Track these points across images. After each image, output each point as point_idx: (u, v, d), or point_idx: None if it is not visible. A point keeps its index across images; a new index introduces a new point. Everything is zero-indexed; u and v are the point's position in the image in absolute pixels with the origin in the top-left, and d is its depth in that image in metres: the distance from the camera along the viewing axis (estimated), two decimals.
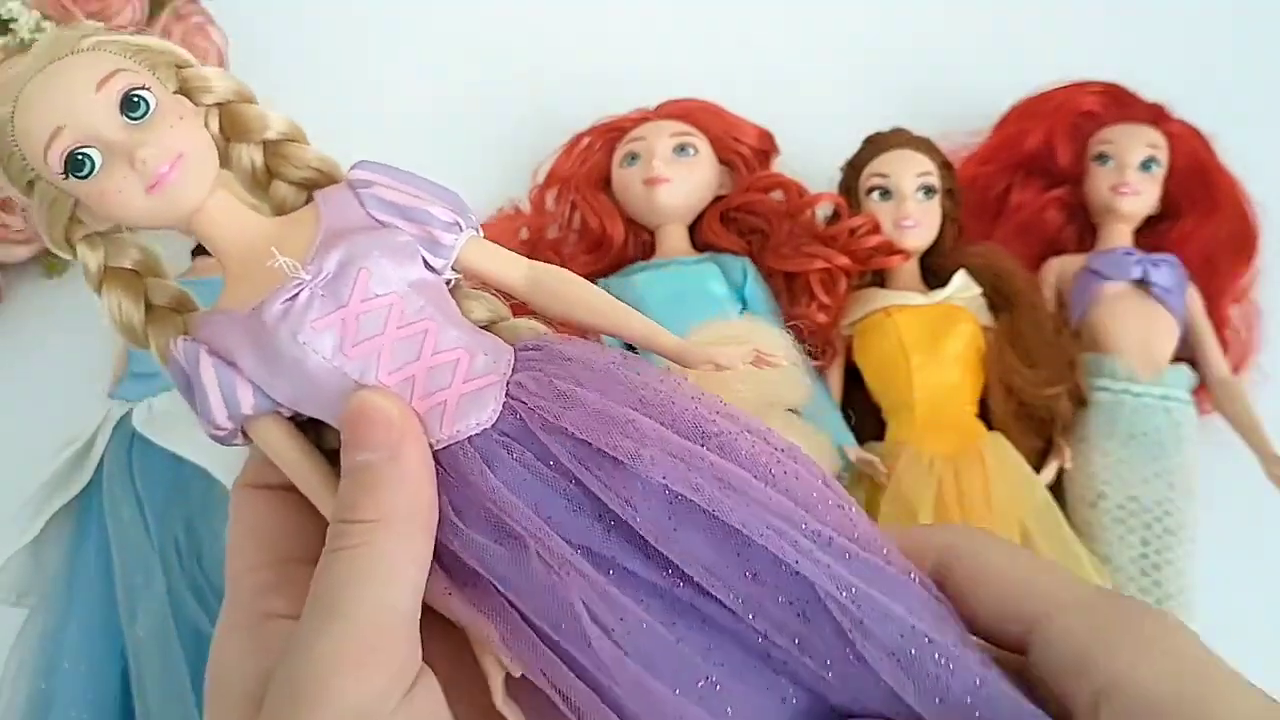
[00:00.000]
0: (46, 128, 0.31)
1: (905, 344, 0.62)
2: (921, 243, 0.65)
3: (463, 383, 0.32)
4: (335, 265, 0.31)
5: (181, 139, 0.32)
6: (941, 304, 0.63)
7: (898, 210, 0.64)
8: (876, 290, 0.65)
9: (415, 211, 0.33)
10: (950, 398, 0.61)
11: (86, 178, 0.31)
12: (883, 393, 0.63)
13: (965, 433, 0.60)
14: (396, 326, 0.32)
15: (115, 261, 0.34)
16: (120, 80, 0.31)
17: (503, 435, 0.31)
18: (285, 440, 0.33)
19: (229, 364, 0.32)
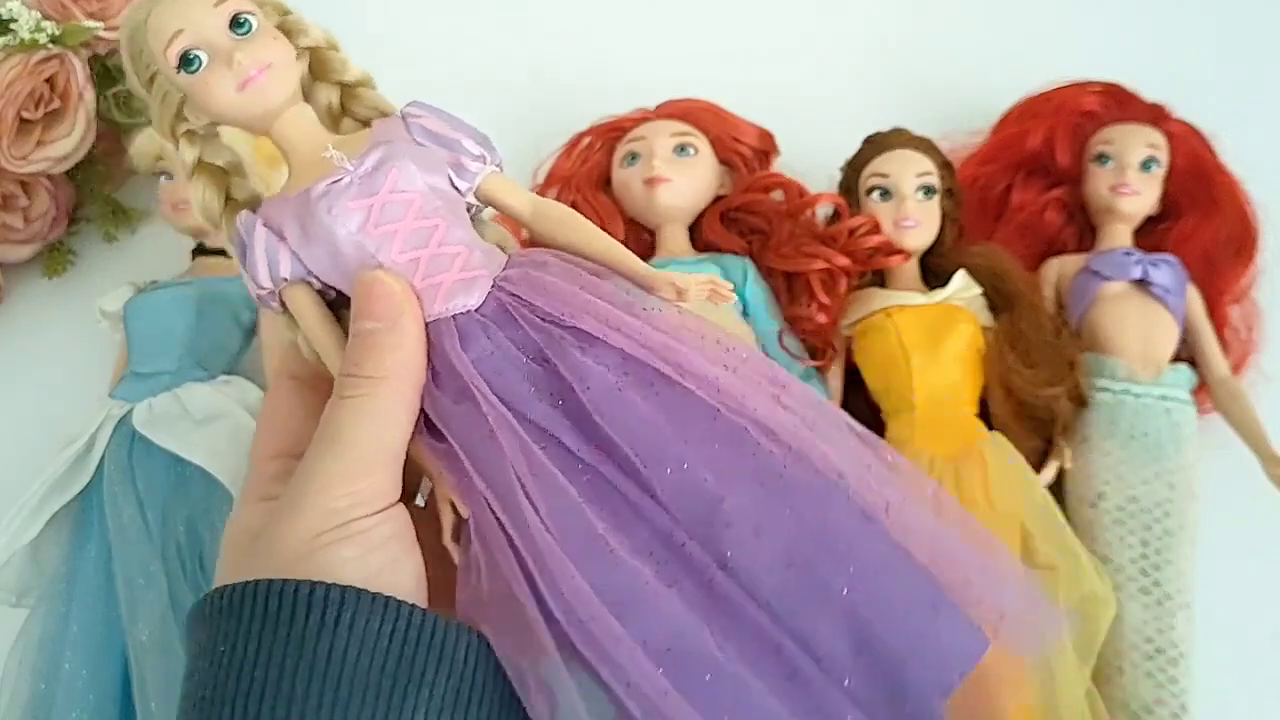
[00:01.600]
0: (170, 30, 0.38)
1: (905, 344, 0.62)
2: (921, 243, 0.65)
3: (459, 271, 0.38)
4: (373, 162, 0.38)
5: (271, 53, 0.39)
6: (942, 304, 0.63)
7: (898, 210, 0.64)
8: (876, 290, 0.65)
9: (449, 140, 0.40)
10: (951, 398, 0.61)
11: (194, 73, 0.38)
12: (883, 393, 0.63)
13: (965, 433, 0.60)
14: (413, 218, 0.38)
15: (209, 158, 0.41)
16: (233, 4, 0.39)
17: (483, 317, 0.37)
18: (311, 306, 0.39)
19: (278, 236, 0.38)
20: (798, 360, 0.63)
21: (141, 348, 0.62)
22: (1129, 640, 0.58)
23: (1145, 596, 0.59)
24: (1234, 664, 0.58)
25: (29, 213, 0.69)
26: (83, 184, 0.72)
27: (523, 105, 0.74)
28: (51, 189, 0.70)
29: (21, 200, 0.68)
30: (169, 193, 0.64)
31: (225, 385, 0.61)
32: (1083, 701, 0.53)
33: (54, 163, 0.66)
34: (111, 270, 0.68)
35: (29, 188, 0.68)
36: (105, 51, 0.70)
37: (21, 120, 0.64)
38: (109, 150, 0.72)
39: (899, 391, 0.62)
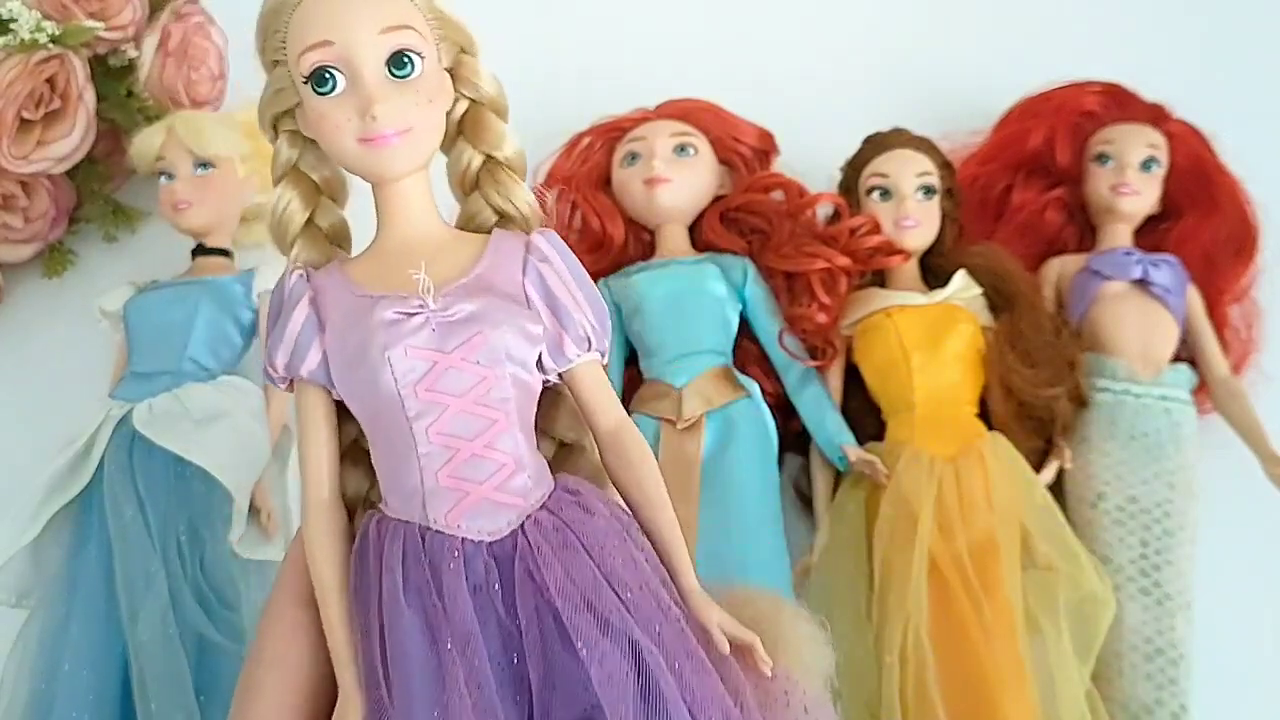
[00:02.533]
0: (317, 34, 0.33)
1: (905, 344, 0.62)
2: (922, 243, 0.65)
3: (493, 489, 0.33)
4: (463, 314, 0.33)
5: (420, 117, 0.34)
6: (942, 304, 0.63)
7: (898, 210, 0.64)
8: (876, 290, 0.65)
9: (563, 310, 0.35)
10: (951, 397, 0.61)
11: (322, 94, 0.34)
12: (883, 392, 0.63)
13: (965, 433, 0.60)
14: (474, 400, 0.33)
15: (306, 167, 0.37)
16: (405, 36, 0.34)
17: (491, 557, 0.33)
18: (318, 416, 0.35)
19: (319, 324, 0.34)
20: (798, 360, 0.63)
21: (142, 348, 0.62)
22: (1129, 641, 0.58)
23: (1145, 597, 0.59)
24: (1234, 664, 0.58)
25: (29, 213, 0.69)
26: (83, 184, 0.72)
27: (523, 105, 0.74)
28: (51, 189, 0.69)
29: (21, 200, 0.68)
30: (169, 193, 0.64)
31: (225, 385, 0.61)
32: (1083, 702, 0.53)
33: (54, 163, 0.66)
34: (111, 270, 0.67)
35: (29, 188, 0.68)
36: (105, 51, 0.69)
37: (22, 120, 0.64)
38: (109, 150, 0.72)
39: (899, 391, 0.62)
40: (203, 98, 0.73)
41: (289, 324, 0.35)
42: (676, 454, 0.59)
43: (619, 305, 0.65)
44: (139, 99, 0.70)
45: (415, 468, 0.33)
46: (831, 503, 0.61)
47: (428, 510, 0.33)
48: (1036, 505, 0.58)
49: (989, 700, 0.51)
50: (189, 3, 0.72)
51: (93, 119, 0.66)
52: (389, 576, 0.33)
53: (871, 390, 0.64)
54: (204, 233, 0.65)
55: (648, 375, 0.62)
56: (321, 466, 0.35)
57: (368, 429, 0.35)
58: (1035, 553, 0.57)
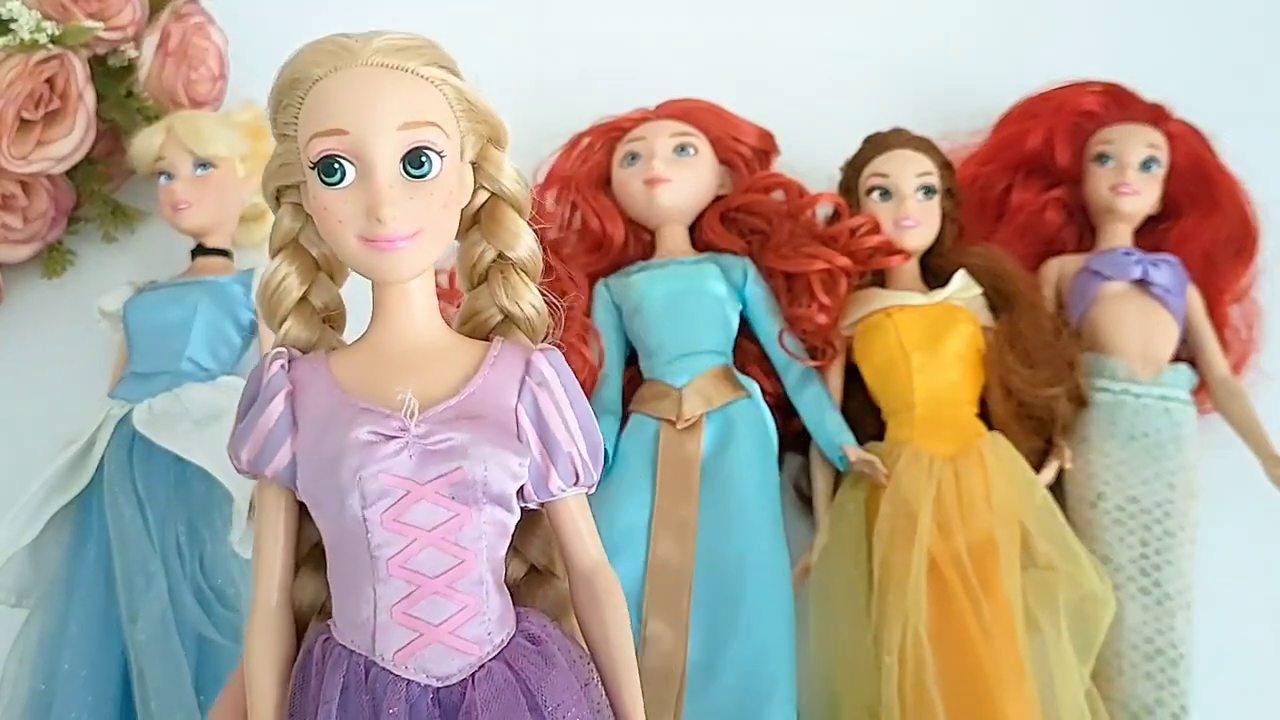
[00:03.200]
0: (331, 120, 0.30)
1: (905, 344, 0.62)
2: (922, 243, 0.65)
3: (449, 633, 0.31)
4: (446, 445, 0.31)
5: (431, 221, 0.31)
6: (941, 304, 0.63)
7: (898, 210, 0.64)
8: (876, 290, 0.65)
9: (553, 442, 0.33)
10: (950, 397, 0.61)
11: (328, 185, 0.30)
12: (883, 392, 0.63)
13: (965, 432, 0.60)
14: (442, 537, 0.31)
15: (306, 242, 0.34)
16: (427, 133, 0.31)
17: (437, 705, 0.30)
18: (278, 519, 0.33)
19: (293, 421, 0.31)
20: (797, 360, 0.63)
21: (141, 348, 0.61)
22: (1129, 640, 0.58)
23: (1145, 597, 0.59)
24: (1234, 664, 0.58)
25: (28, 213, 0.69)
26: (82, 184, 0.72)
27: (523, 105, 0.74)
28: (51, 189, 0.69)
29: (21, 200, 0.68)
30: (168, 193, 0.64)
31: (225, 385, 0.61)
32: (1082, 702, 0.53)
33: (54, 163, 0.66)
34: (111, 270, 0.67)
35: (28, 188, 0.68)
36: (105, 51, 0.69)
37: (21, 120, 0.64)
38: (109, 150, 0.72)
39: (899, 391, 0.62)
40: (202, 98, 0.73)
41: (261, 417, 0.32)
42: (676, 454, 0.59)
43: (619, 305, 0.65)
44: (139, 99, 0.70)
45: (370, 599, 0.31)
46: (831, 503, 0.61)
47: (376, 645, 0.31)
48: (1036, 505, 0.58)
49: (988, 699, 0.51)
50: (189, 3, 0.72)
51: (92, 119, 0.66)
52: (324, 709, 0.30)
53: (871, 390, 0.64)
54: (203, 233, 0.65)
55: (648, 375, 0.62)
56: (274, 573, 0.33)
57: (328, 544, 0.33)
58: (1035, 552, 0.57)
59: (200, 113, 0.69)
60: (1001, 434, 0.61)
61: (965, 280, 0.65)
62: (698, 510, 0.57)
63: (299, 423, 0.32)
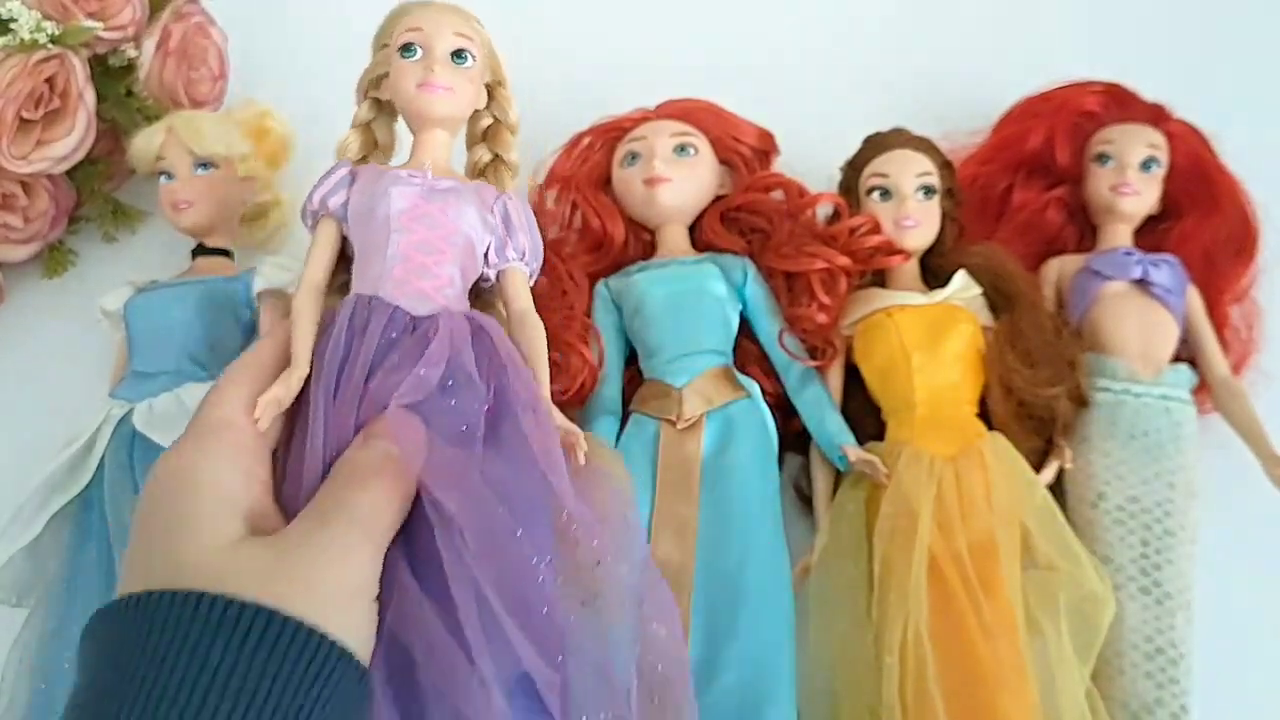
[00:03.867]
0: (414, 23, 0.50)
1: (906, 344, 0.61)
2: (922, 242, 0.65)
3: (429, 288, 0.47)
4: (445, 186, 0.49)
5: (460, 85, 0.51)
6: (942, 304, 0.63)
7: (898, 210, 0.64)
8: (876, 290, 0.65)
9: (513, 226, 0.51)
10: (951, 397, 0.61)
11: (403, 58, 0.50)
12: (883, 392, 0.63)
13: (966, 432, 0.60)
14: (435, 234, 0.48)
15: (375, 127, 0.54)
16: (467, 42, 0.51)
17: (412, 322, 0.46)
18: (327, 240, 0.50)
19: (350, 181, 0.50)
20: (798, 360, 0.63)
21: (142, 347, 0.61)
22: (1129, 640, 0.58)
23: (1145, 596, 0.59)
24: (1234, 664, 0.58)
25: (29, 212, 0.69)
26: (82, 184, 0.72)
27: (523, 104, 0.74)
28: (51, 189, 0.69)
29: (21, 200, 0.68)
30: (168, 192, 0.64)
31: None
32: (1083, 701, 0.53)
33: (54, 163, 0.66)
34: (111, 270, 0.67)
35: (29, 187, 0.68)
36: (105, 51, 0.69)
37: (21, 120, 0.64)
38: (109, 150, 0.72)
39: (899, 391, 0.62)
40: (203, 97, 0.73)
41: (330, 177, 0.50)
42: (676, 454, 0.59)
43: (619, 305, 0.65)
44: (139, 98, 0.70)
45: (382, 261, 0.47)
46: (831, 502, 0.61)
47: (378, 289, 0.46)
48: (1037, 505, 0.58)
49: (989, 699, 0.51)
50: (189, 2, 0.72)
51: (93, 119, 0.66)
52: (333, 325, 0.46)
53: (871, 390, 0.64)
54: (204, 232, 0.65)
55: (648, 375, 0.62)
56: (320, 264, 0.49)
57: (358, 242, 0.49)
58: (1036, 552, 0.57)
59: (201, 112, 0.69)
60: (1002, 434, 0.61)
61: (965, 280, 0.64)
62: (698, 510, 0.57)
63: (354, 181, 0.50)
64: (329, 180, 0.50)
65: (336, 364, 0.44)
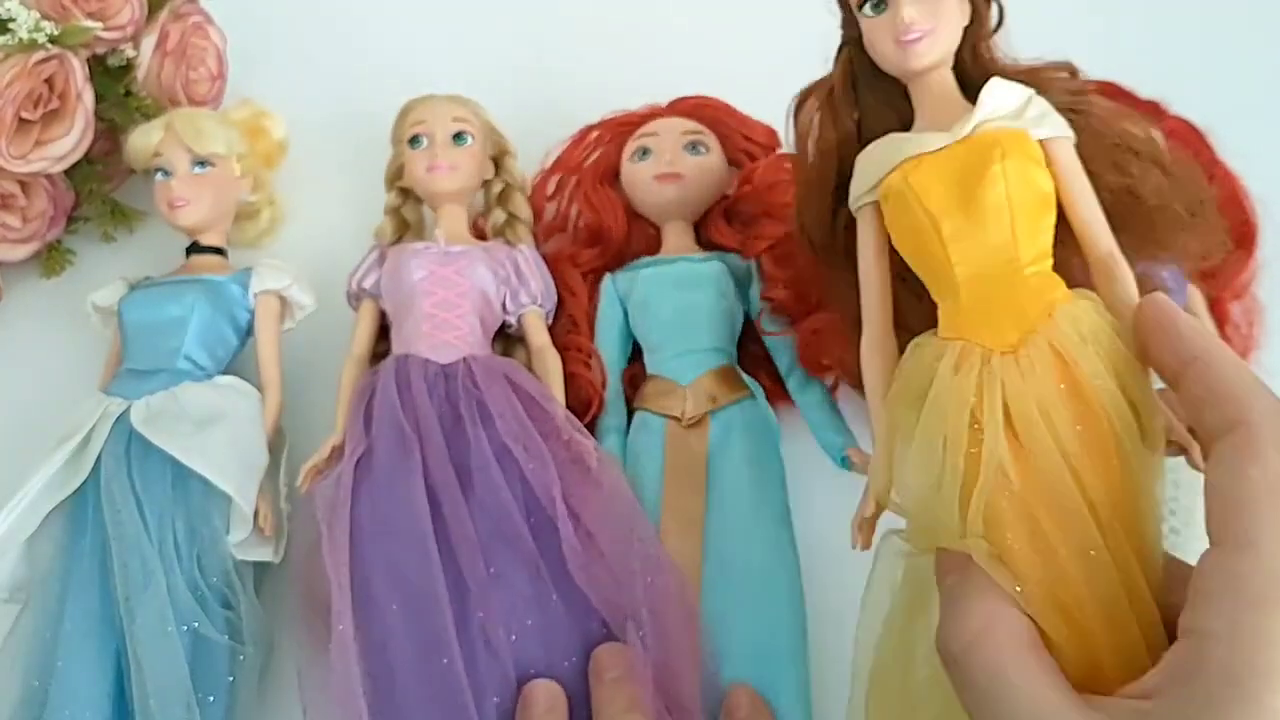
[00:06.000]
0: (416, 119, 0.62)
1: (931, 209, 0.42)
2: (936, 56, 0.46)
3: (452, 338, 0.57)
4: (458, 251, 0.60)
5: (465, 161, 0.62)
6: (967, 140, 0.43)
7: (894, 21, 0.46)
8: (894, 137, 0.46)
9: (525, 276, 0.61)
10: (1002, 267, 0.41)
11: (413, 149, 0.62)
12: (925, 275, 0.45)
13: (1031, 307, 0.40)
14: (453, 293, 0.58)
15: (405, 212, 0.66)
16: (461, 125, 0.63)
17: (440, 372, 0.56)
18: (367, 320, 0.61)
19: (380, 261, 0.61)
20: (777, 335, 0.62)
21: (137, 345, 0.61)
22: None
23: None
24: None
25: (27, 212, 0.69)
26: (81, 184, 0.72)
27: (533, 97, 0.74)
28: (50, 189, 0.69)
29: (20, 200, 0.68)
30: (165, 190, 0.64)
31: (223, 386, 0.60)
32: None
33: (52, 162, 0.66)
34: (110, 270, 0.67)
35: (27, 187, 0.68)
36: (104, 51, 0.69)
37: (20, 120, 0.64)
38: (107, 150, 0.71)
39: (937, 271, 0.43)
40: (201, 97, 0.73)
41: (366, 259, 0.61)
42: (683, 449, 0.58)
43: (624, 300, 0.64)
44: (137, 98, 0.70)
45: (412, 322, 0.57)
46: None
47: (411, 348, 0.57)
48: (1137, 374, 0.40)
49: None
50: (188, 2, 0.73)
51: (91, 119, 0.66)
52: (378, 382, 0.56)
53: (916, 272, 0.46)
54: (199, 231, 0.65)
55: (651, 370, 0.62)
56: (363, 339, 0.60)
57: (391, 310, 0.60)
58: (1152, 434, 0.41)
59: (200, 111, 0.69)
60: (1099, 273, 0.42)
61: (1002, 90, 0.45)
62: (705, 503, 0.57)
63: (382, 261, 0.61)
64: (363, 264, 0.61)
65: (396, 420, 0.53)
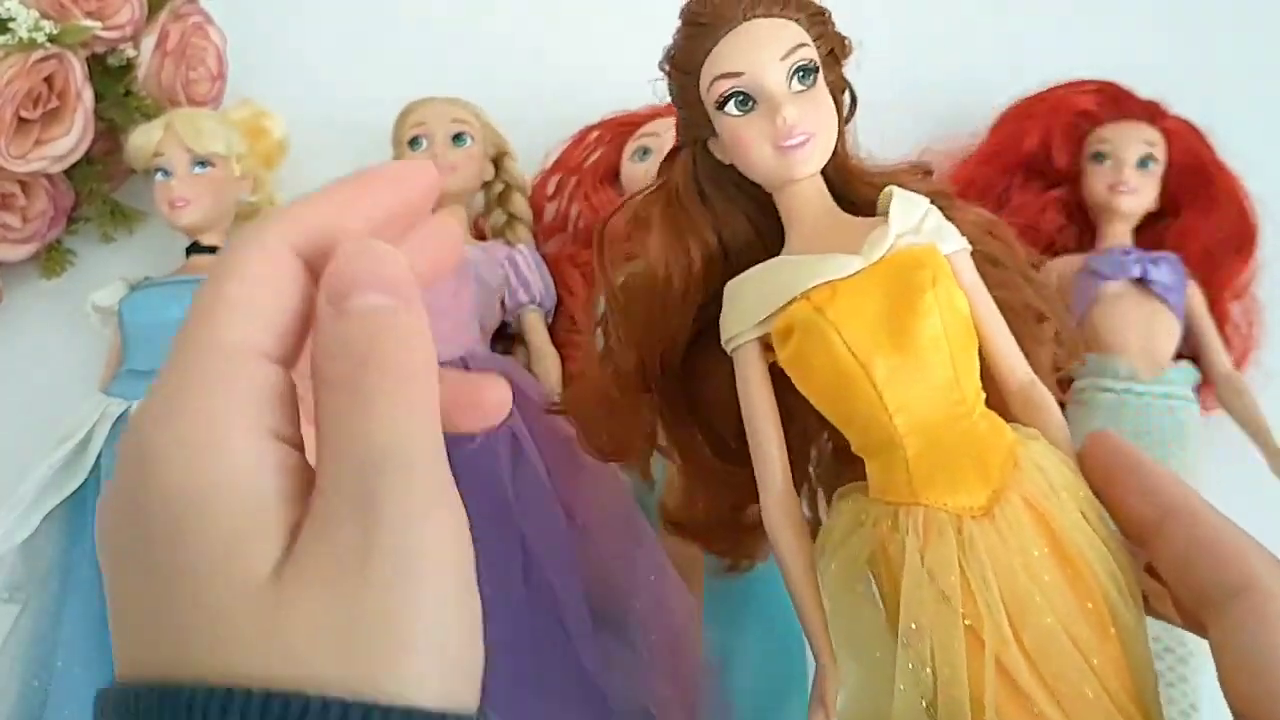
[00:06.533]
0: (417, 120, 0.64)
1: (857, 349, 0.33)
2: (820, 160, 0.37)
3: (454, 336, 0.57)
4: None
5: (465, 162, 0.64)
6: (886, 262, 0.34)
7: (771, 120, 0.37)
8: (785, 260, 0.36)
9: (523, 277, 0.61)
10: (951, 409, 0.33)
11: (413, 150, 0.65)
12: (843, 424, 0.35)
13: (991, 455, 0.33)
14: (450, 293, 0.56)
15: None
16: (464, 125, 0.64)
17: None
18: None
19: None
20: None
21: (138, 345, 0.61)
22: None
23: None
24: None
25: (27, 212, 0.69)
26: (81, 184, 0.72)
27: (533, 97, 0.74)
28: (50, 188, 0.69)
29: (20, 200, 0.68)
30: (165, 190, 0.64)
31: None
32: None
33: (52, 162, 0.65)
34: (110, 270, 0.67)
35: (27, 187, 0.68)
36: (104, 51, 0.69)
37: (20, 120, 0.64)
38: (107, 150, 0.71)
39: (868, 422, 0.34)
40: (201, 97, 0.73)
41: None
42: None
43: None
44: (137, 98, 0.70)
45: None
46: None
47: None
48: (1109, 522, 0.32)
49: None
50: (187, 2, 0.72)
51: (91, 118, 0.66)
52: None
53: (829, 418, 0.35)
54: (199, 231, 0.65)
55: None
56: None
57: None
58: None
59: (200, 110, 0.69)
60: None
61: (905, 202, 0.36)
62: None
63: None
64: None
65: None
